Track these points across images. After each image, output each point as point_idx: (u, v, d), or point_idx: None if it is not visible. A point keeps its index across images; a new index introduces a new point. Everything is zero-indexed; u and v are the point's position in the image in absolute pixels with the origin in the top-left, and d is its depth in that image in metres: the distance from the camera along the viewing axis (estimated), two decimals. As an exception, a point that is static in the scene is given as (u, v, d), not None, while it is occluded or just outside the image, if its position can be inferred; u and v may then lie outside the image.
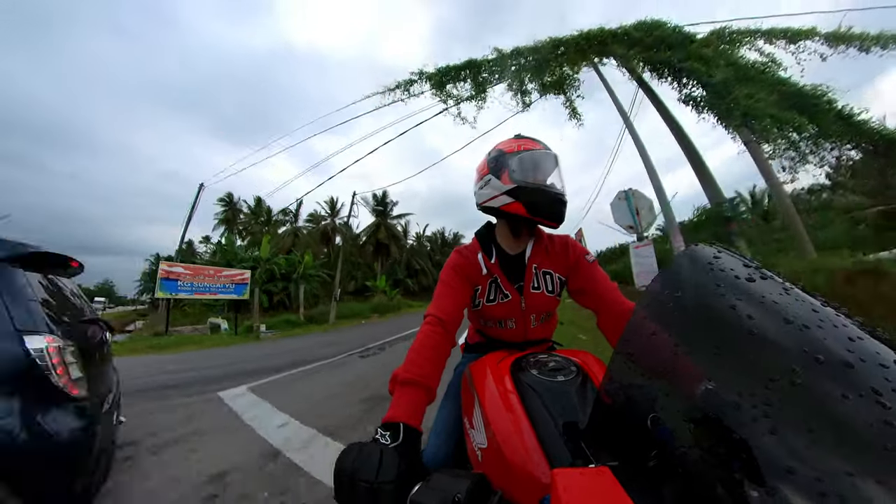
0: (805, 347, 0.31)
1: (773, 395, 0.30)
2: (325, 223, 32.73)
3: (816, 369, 0.29)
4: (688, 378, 0.37)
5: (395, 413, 0.63)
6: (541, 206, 0.87)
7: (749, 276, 0.40)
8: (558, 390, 0.64)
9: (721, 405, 0.32)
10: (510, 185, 0.88)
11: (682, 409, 0.36)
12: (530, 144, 0.92)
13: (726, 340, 0.36)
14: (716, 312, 0.38)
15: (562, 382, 0.66)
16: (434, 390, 0.73)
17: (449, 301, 0.89)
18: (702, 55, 6.07)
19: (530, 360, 0.76)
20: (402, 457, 0.51)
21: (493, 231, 1.02)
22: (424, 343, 0.78)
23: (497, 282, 0.96)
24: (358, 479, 0.47)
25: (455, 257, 0.99)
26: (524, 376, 0.70)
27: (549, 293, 0.97)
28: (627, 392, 0.44)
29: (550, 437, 0.55)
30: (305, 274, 19.65)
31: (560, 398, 0.62)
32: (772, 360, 0.32)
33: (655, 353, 0.43)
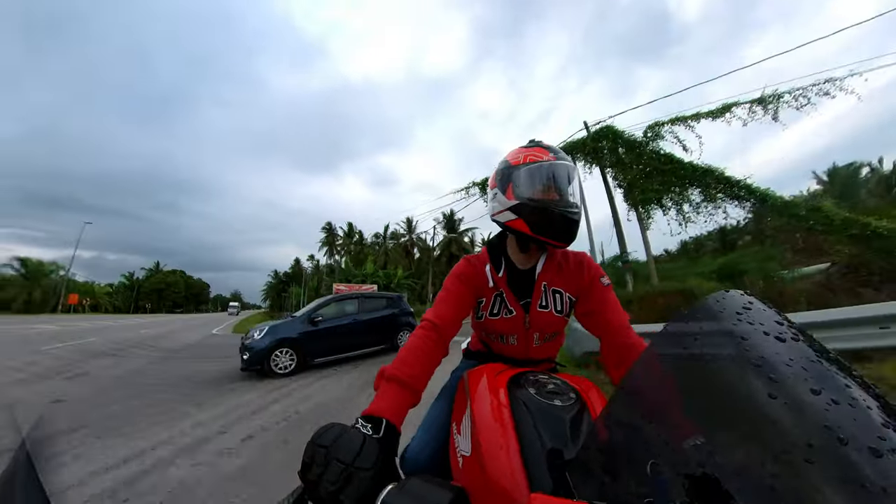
0: (828, 423, 0.28)
1: (782, 468, 0.27)
2: (404, 239, 39.99)
3: (837, 450, 0.27)
4: (691, 431, 0.34)
5: (378, 407, 0.61)
6: (544, 225, 0.80)
7: (780, 334, 0.37)
8: (552, 414, 0.62)
9: (722, 467, 0.30)
10: (514, 202, 0.83)
11: (678, 462, 0.34)
12: (538, 154, 0.83)
13: (741, 400, 0.33)
14: (735, 368, 0.35)
15: (557, 407, 0.64)
16: (420, 394, 0.70)
17: (448, 309, 0.85)
18: (634, 149, 9.06)
19: (529, 378, 0.74)
20: (382, 452, 0.50)
21: (504, 242, 0.97)
22: (418, 345, 0.76)
23: (503, 296, 0.92)
24: (333, 458, 0.45)
25: (463, 266, 0.95)
26: (520, 393, 0.68)
27: (557, 313, 0.92)
28: (626, 431, 0.41)
29: (535, 461, 0.53)
30: (399, 283, 26.86)
31: (552, 423, 0.60)
32: (788, 430, 0.29)
33: (661, 398, 0.40)
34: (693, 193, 8.36)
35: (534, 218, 0.81)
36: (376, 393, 0.66)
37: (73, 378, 5.62)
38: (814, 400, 0.30)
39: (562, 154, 0.84)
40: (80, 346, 9.53)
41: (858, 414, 0.29)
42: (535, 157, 0.83)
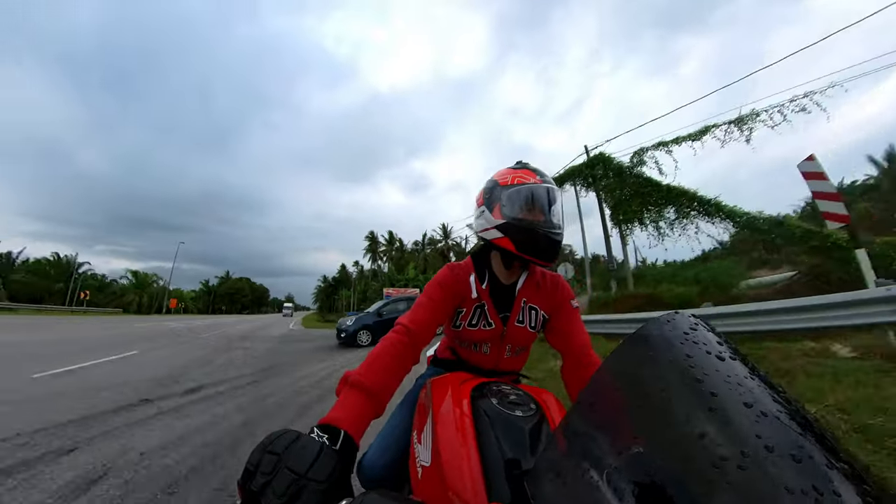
0: (758, 433, 0.31)
1: (719, 475, 0.30)
2: (440, 245, 42.94)
3: (765, 457, 0.29)
4: (641, 442, 0.37)
5: (337, 416, 0.55)
6: (529, 245, 0.83)
7: (720, 353, 0.41)
8: (513, 425, 0.63)
9: (669, 476, 0.32)
10: (500, 221, 0.86)
11: (630, 472, 0.35)
12: (525, 176, 0.86)
13: (685, 412, 0.36)
14: (681, 383, 0.38)
15: (518, 418, 0.65)
16: (384, 405, 0.66)
17: (426, 315, 0.85)
18: (620, 174, 10.67)
19: (493, 388, 0.75)
20: (339, 464, 0.46)
21: (489, 255, 0.99)
22: (387, 351, 0.73)
23: (484, 308, 0.94)
24: (284, 467, 0.40)
25: (446, 273, 0.95)
26: (483, 403, 0.69)
27: (531, 328, 0.95)
28: (582, 442, 0.42)
29: (495, 471, 0.54)
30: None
31: (513, 434, 0.61)
32: (725, 440, 0.32)
33: (616, 410, 0.43)
34: (669, 212, 9.63)
35: (520, 237, 0.84)
36: (337, 399, 0.61)
37: (244, 350, 8.76)
38: (747, 412, 0.33)
39: (547, 177, 0.88)
40: (219, 334, 13.33)
41: (782, 425, 0.32)
42: (522, 179, 0.86)
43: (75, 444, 2.58)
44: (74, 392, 4.00)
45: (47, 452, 2.43)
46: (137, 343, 9.13)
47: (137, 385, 4.46)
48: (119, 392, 4.07)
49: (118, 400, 3.75)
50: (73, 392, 4.00)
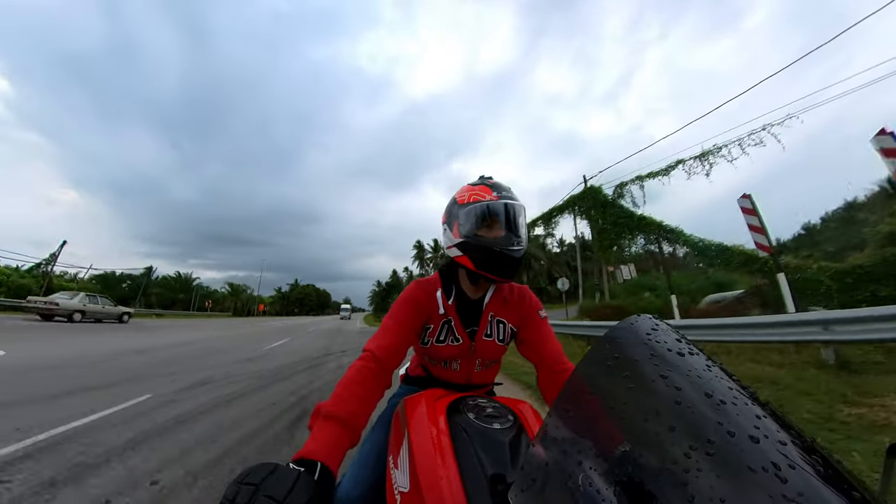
0: (720, 420, 0.33)
1: (691, 463, 0.31)
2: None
3: (729, 442, 0.31)
4: (617, 441, 0.38)
5: (312, 448, 0.55)
6: (486, 262, 0.83)
7: (680, 350, 0.44)
8: (492, 439, 0.63)
9: (645, 471, 0.34)
10: (459, 239, 0.86)
11: (608, 472, 0.36)
12: (482, 193, 0.86)
13: (654, 408, 0.38)
14: (648, 380, 0.40)
15: (497, 430, 0.65)
16: (359, 433, 0.65)
17: (393, 339, 0.83)
18: (604, 206, 12.92)
19: (469, 403, 0.75)
20: (317, 492, 0.46)
21: (456, 271, 0.98)
22: (356, 379, 0.71)
23: (451, 324, 0.93)
24: (262, 495, 0.41)
25: (413, 290, 0.94)
26: (460, 419, 0.68)
27: (499, 342, 0.96)
28: (558, 449, 0.43)
29: (477, 489, 0.53)
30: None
31: (493, 447, 0.60)
32: (692, 430, 0.34)
33: (590, 413, 0.44)
34: (639, 238, 12.00)
35: (476, 255, 0.84)
36: (311, 433, 0.59)
37: (345, 337, 12.45)
38: (708, 402, 0.36)
39: (506, 192, 0.86)
40: (319, 329, 16.77)
41: (740, 410, 0.35)
42: (478, 197, 0.86)
43: (294, 373, 5.95)
44: (285, 353, 8.50)
45: (279, 378, 5.45)
46: (281, 335, 14.11)
47: (311, 352, 8.90)
48: (306, 354, 8.48)
49: (308, 357, 7.96)
50: (284, 353, 8.51)
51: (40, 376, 4.52)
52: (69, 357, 6.03)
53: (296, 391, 4.64)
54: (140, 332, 12.14)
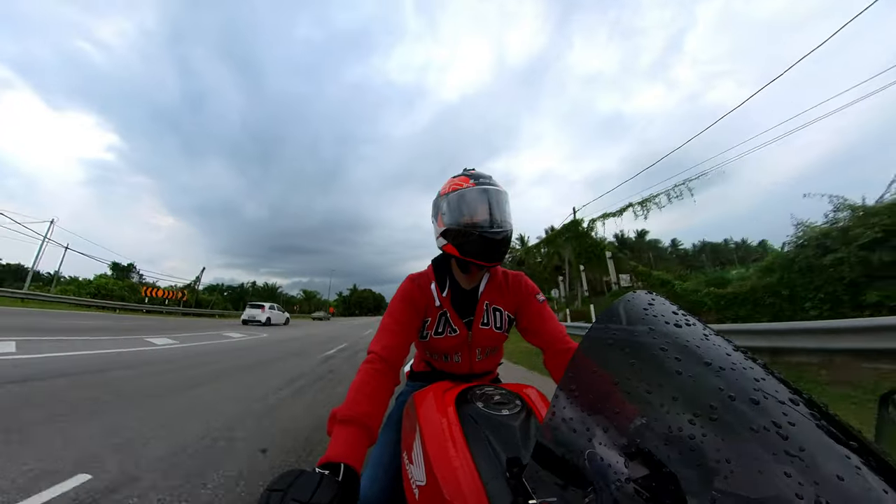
0: (721, 386, 0.34)
1: (696, 430, 0.32)
2: (517, 254, 48.21)
3: (730, 406, 0.33)
4: (623, 415, 0.39)
5: (334, 453, 0.58)
6: (469, 248, 0.85)
7: (677, 321, 0.44)
8: (503, 424, 0.64)
9: (652, 440, 0.35)
10: (443, 228, 0.89)
11: (617, 445, 0.37)
12: (460, 183, 0.88)
13: (656, 380, 0.39)
14: (648, 354, 0.41)
15: (506, 416, 0.66)
16: (376, 432, 0.68)
17: (394, 337, 0.85)
18: (578, 237, 16.94)
19: (476, 392, 0.76)
20: (340, 492, 0.48)
21: (449, 262, 0.99)
22: (366, 381, 0.74)
23: (447, 315, 0.94)
24: (290, 499, 0.44)
25: (407, 286, 0.95)
26: (469, 409, 0.69)
27: (497, 329, 0.96)
28: (568, 427, 0.43)
29: (492, 474, 0.54)
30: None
31: (504, 433, 0.62)
32: (694, 397, 0.35)
33: (595, 390, 0.45)
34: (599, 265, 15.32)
35: (459, 241, 0.86)
36: (331, 438, 0.62)
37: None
38: (708, 370, 0.37)
39: (484, 179, 0.88)
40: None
41: (738, 374, 0.36)
42: (457, 186, 0.88)
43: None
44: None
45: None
46: (365, 328, 18.09)
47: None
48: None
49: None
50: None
51: (299, 341, 11.01)
52: (299, 335, 13.38)
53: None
54: (292, 328, 18.78)
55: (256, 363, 6.11)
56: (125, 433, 2.51)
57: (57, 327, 8.35)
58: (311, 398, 3.93)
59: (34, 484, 1.75)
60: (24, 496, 1.64)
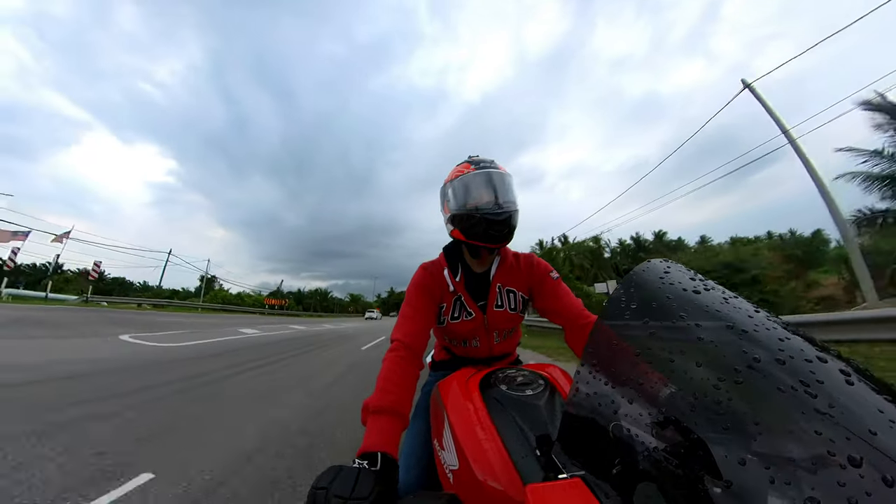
0: (744, 349, 0.34)
1: (721, 394, 0.32)
2: (562, 256, 48.41)
3: (755, 368, 0.32)
4: (646, 385, 0.39)
5: (371, 442, 0.61)
6: (474, 230, 0.86)
7: (695, 287, 0.44)
8: (528, 405, 0.65)
9: (677, 408, 0.34)
10: (449, 214, 0.91)
11: (642, 415, 0.37)
12: (462, 169, 0.91)
13: (678, 347, 0.38)
14: (667, 321, 0.41)
15: (530, 396, 0.67)
16: (407, 416, 0.70)
17: (414, 324, 0.87)
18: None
19: (499, 376, 0.77)
20: (379, 482, 0.51)
21: (460, 248, 1.01)
22: (392, 369, 0.76)
23: (461, 300, 0.96)
24: (332, 495, 0.47)
25: (421, 274, 0.97)
26: (494, 392, 0.70)
27: (511, 311, 0.97)
28: (593, 402, 0.44)
29: (522, 453, 0.55)
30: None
31: (530, 412, 0.63)
32: (717, 362, 0.35)
33: (617, 362, 0.45)
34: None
35: (464, 225, 0.87)
36: (366, 429, 0.65)
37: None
38: (729, 334, 0.36)
39: (485, 163, 0.90)
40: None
41: (762, 336, 0.35)
42: (459, 173, 0.90)
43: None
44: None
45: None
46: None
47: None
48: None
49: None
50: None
51: (375, 326, 22.96)
52: (374, 325, 25.30)
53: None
54: (361, 323, 28.31)
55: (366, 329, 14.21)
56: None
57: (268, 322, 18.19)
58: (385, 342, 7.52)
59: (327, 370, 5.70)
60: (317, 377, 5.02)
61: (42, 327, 7.43)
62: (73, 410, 2.76)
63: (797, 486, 0.25)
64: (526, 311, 1.02)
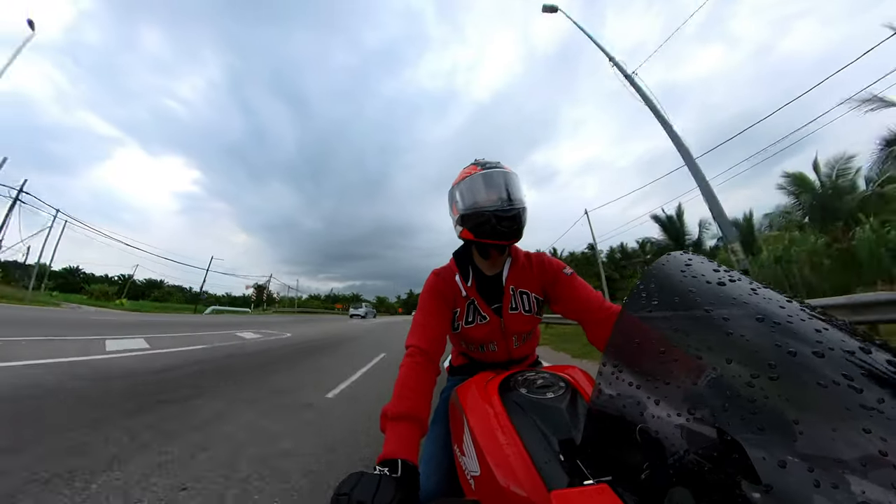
0: (778, 343, 0.32)
1: (755, 392, 0.30)
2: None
3: (791, 362, 0.30)
4: (673, 384, 0.37)
5: (391, 449, 0.61)
6: (484, 228, 0.86)
7: (720, 279, 0.42)
8: (549, 408, 0.63)
9: (708, 408, 0.32)
10: (458, 215, 0.92)
11: (670, 417, 0.35)
12: (469, 170, 0.92)
13: (706, 343, 0.36)
14: (693, 316, 0.39)
15: (552, 399, 0.65)
16: (426, 422, 0.70)
17: (429, 330, 0.87)
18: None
19: (518, 379, 0.75)
20: (400, 488, 0.51)
21: (470, 251, 1.00)
22: (409, 375, 0.76)
23: (475, 304, 0.95)
24: (355, 501, 0.47)
25: (433, 281, 0.97)
26: (513, 396, 0.69)
27: (526, 312, 0.95)
28: (617, 403, 0.42)
29: (545, 458, 0.53)
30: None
31: (552, 416, 0.61)
32: (750, 357, 0.32)
33: (641, 361, 0.43)
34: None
35: (472, 224, 0.87)
36: (385, 436, 0.65)
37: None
38: (760, 326, 0.34)
39: (492, 164, 0.91)
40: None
41: (797, 327, 0.33)
42: (466, 174, 0.91)
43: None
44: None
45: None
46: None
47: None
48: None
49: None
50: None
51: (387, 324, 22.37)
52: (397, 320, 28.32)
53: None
54: (385, 321, 27.75)
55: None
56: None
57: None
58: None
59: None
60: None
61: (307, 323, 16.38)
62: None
63: (846, 490, 0.23)
64: (542, 312, 1.00)
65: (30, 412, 2.34)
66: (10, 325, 6.21)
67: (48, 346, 4.55)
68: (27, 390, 2.76)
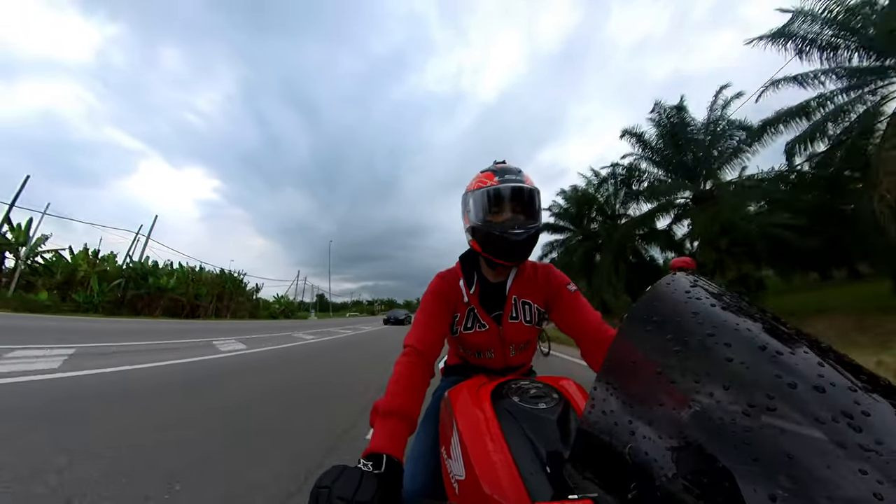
0: (778, 374, 0.31)
1: (752, 421, 0.29)
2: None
3: (791, 395, 0.29)
4: (668, 406, 0.36)
5: (377, 444, 0.61)
6: (492, 246, 0.84)
7: (724, 304, 0.41)
8: (540, 418, 0.63)
9: (701, 434, 0.32)
10: (469, 225, 0.89)
11: (662, 439, 0.35)
12: (485, 179, 0.87)
13: (704, 368, 0.36)
14: (693, 340, 0.38)
15: (543, 410, 0.65)
16: (415, 420, 0.70)
17: (428, 331, 0.87)
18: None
19: (511, 387, 0.75)
20: (382, 484, 0.51)
21: (477, 256, 0.99)
22: (403, 373, 0.76)
23: (475, 311, 0.95)
24: (335, 497, 0.46)
25: (437, 283, 0.96)
26: (505, 403, 0.68)
27: (527, 323, 0.95)
28: (609, 421, 0.41)
29: (531, 469, 0.53)
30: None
31: (542, 427, 0.60)
32: (748, 386, 0.32)
33: (636, 381, 0.42)
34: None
35: (481, 240, 0.86)
36: (373, 430, 0.65)
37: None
38: (762, 355, 0.33)
39: (510, 176, 0.84)
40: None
41: (799, 359, 0.32)
42: (481, 183, 0.87)
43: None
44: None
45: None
46: None
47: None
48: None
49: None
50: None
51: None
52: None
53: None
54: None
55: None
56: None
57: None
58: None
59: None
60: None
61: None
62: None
63: None
64: (542, 323, 0.99)
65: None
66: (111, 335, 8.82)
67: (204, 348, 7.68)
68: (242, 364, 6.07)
